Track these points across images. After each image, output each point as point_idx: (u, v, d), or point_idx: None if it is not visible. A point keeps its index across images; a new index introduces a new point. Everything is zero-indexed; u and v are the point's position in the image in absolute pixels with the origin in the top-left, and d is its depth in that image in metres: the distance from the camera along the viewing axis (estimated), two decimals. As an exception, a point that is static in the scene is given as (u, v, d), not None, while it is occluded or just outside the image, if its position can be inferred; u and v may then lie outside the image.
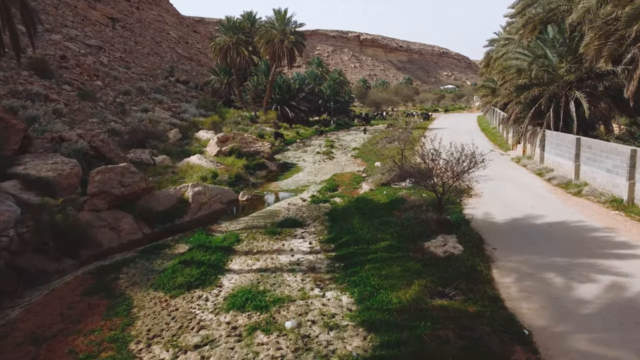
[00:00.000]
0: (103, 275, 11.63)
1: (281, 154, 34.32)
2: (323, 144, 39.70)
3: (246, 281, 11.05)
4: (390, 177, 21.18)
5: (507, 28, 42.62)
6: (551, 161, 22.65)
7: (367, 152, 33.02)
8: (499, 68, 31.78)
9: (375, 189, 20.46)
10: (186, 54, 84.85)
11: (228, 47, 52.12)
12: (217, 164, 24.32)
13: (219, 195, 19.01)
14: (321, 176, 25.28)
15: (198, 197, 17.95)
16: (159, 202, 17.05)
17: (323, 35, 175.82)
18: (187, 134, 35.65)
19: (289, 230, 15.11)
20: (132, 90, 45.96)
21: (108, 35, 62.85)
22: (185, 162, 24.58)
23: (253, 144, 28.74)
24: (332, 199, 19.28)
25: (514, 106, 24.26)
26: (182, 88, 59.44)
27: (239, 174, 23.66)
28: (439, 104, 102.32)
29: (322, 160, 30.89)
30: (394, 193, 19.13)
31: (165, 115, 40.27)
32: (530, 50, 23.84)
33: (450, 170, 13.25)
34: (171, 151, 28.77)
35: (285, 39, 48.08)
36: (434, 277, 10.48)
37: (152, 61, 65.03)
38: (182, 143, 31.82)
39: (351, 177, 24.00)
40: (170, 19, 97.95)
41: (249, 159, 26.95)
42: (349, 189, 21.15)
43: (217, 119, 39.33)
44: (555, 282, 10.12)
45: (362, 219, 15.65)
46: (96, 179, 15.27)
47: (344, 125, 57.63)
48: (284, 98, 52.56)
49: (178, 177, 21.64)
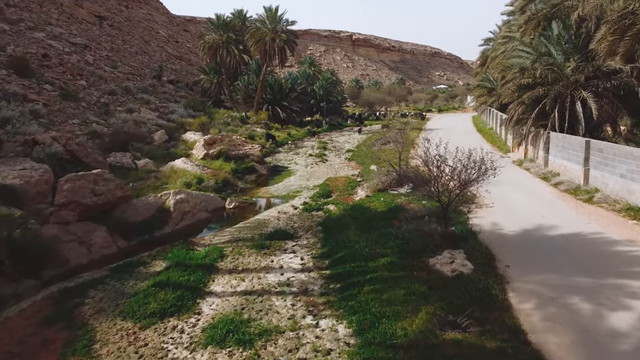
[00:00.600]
0: (66, 299, 10.20)
1: (272, 157, 32.93)
2: (315, 145, 38.36)
3: (229, 307, 9.68)
4: (388, 182, 19.87)
5: (503, 27, 41.48)
6: (556, 165, 21.45)
7: (362, 155, 31.71)
8: (499, 67, 30.60)
9: (371, 195, 19.15)
10: (176, 53, 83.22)
11: (218, 45, 50.58)
12: (203, 168, 22.90)
13: (203, 203, 17.60)
14: (314, 180, 23.93)
15: (180, 206, 16.53)
16: (137, 211, 15.62)
17: (315, 35, 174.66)
18: (173, 135, 34.18)
19: (278, 243, 13.74)
20: (118, 90, 44.38)
21: (95, 34, 61.17)
22: (169, 166, 23.14)
23: (242, 147, 27.33)
24: (326, 207, 17.94)
25: (516, 107, 23.05)
26: (170, 88, 57.90)
27: (226, 179, 22.24)
28: (432, 104, 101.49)
29: (315, 163, 29.55)
30: (392, 200, 17.81)
31: (151, 116, 38.74)
32: (533, 48, 22.65)
33: (458, 178, 11.93)
34: (156, 154, 27.32)
35: (277, 38, 46.67)
36: (442, 302, 9.17)
37: (140, 60, 63.41)
38: (167, 145, 30.34)
39: (345, 181, 22.67)
40: (160, 18, 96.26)
41: (237, 163, 25.54)
42: (344, 195, 19.81)
43: (206, 120, 37.86)
44: (583, 309, 8.84)
45: (358, 230, 14.33)
46: (65, 187, 13.82)
47: (336, 125, 56.29)
48: (276, 98, 51.15)
49: (161, 182, 20.21)
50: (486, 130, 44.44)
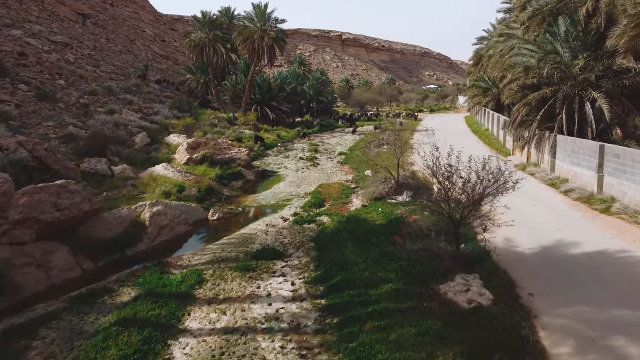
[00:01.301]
0: (11, 341, 8.52)
1: (260, 160, 31.26)
2: (306, 148, 36.74)
3: (206, 351, 8.06)
4: (385, 191, 18.34)
5: (500, 25, 40.17)
6: (565, 170, 20.06)
7: (356, 159, 30.17)
8: (498, 66, 29.24)
9: (368, 205, 17.61)
10: (163, 52, 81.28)
11: (204, 44, 48.76)
12: (186, 175, 21.20)
13: (183, 216, 15.93)
14: (305, 187, 22.34)
15: (157, 219, 14.85)
16: (108, 227, 13.92)
17: (305, 35, 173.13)
18: (157, 138, 32.37)
19: (266, 264, 12.12)
20: (100, 90, 42.44)
21: (77, 32, 59.10)
22: (149, 172, 21.41)
23: (228, 151, 25.64)
24: (319, 218, 16.35)
25: (521, 108, 21.65)
26: (156, 88, 55.93)
27: (210, 187, 20.53)
28: (423, 104, 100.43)
29: (306, 167, 27.92)
30: (391, 211, 16.28)
31: (133, 117, 36.89)
32: (538, 46, 21.26)
33: (471, 192, 10.39)
34: (136, 159, 25.55)
35: (266, 36, 44.97)
36: (463, 346, 7.63)
37: (124, 60, 61.42)
38: (149, 149, 28.55)
39: (339, 188, 21.11)
40: (146, 17, 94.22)
41: (223, 168, 23.84)
42: (338, 205, 18.23)
43: (191, 122, 36.05)
44: (632, 354, 7.35)
45: (356, 247, 12.77)
46: (21, 202, 12.08)
47: (328, 127, 54.65)
48: (265, 98, 49.45)
49: (138, 192, 18.48)
50: (482, 132, 43.15)
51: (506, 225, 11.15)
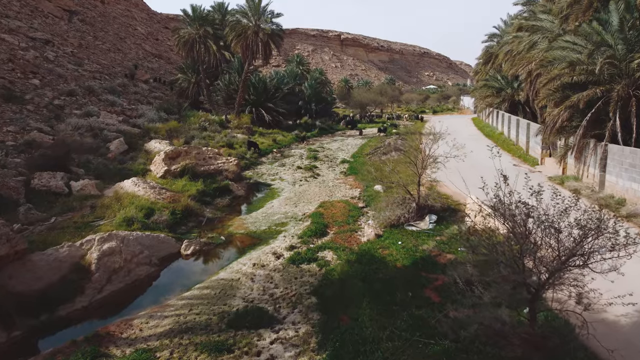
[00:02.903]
0: None
1: (253, 170, 27.57)
2: (305, 154, 33.08)
3: None
4: (404, 215, 14.71)
5: (516, 18, 36.57)
6: (620, 188, 16.46)
7: (360, 168, 26.53)
8: (522, 62, 25.60)
9: (383, 234, 13.98)
10: (155, 51, 77.75)
11: (194, 40, 45.08)
12: (160, 191, 17.51)
13: (146, 252, 12.28)
14: (303, 205, 18.70)
15: (108, 261, 11.21)
16: (37, 274, 10.26)
17: (303, 35, 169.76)
18: (136, 144, 28.68)
19: (248, 338, 8.46)
20: (79, 90, 38.81)
21: (62, 29, 55.48)
22: (116, 188, 17.76)
23: (214, 160, 21.94)
24: (321, 254, 12.69)
25: (562, 111, 18.03)
26: (144, 88, 52.25)
27: (188, 207, 16.82)
28: (424, 105, 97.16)
29: (304, 178, 24.26)
30: (414, 246, 12.63)
31: (112, 120, 33.16)
32: (586, 37, 17.66)
33: (557, 246, 6.76)
34: (106, 170, 21.90)
35: (260, 31, 41.32)
36: None
37: (112, 58, 57.81)
38: (124, 158, 24.85)
39: (344, 208, 17.46)
40: (139, 15, 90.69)
41: (207, 182, 20.18)
42: (344, 232, 14.57)
43: (176, 125, 32.32)
44: None
45: (374, 307, 9.16)
46: None
47: (327, 129, 50.93)
48: (260, 99, 45.77)
49: (94, 216, 14.81)
50: (496, 136, 39.56)
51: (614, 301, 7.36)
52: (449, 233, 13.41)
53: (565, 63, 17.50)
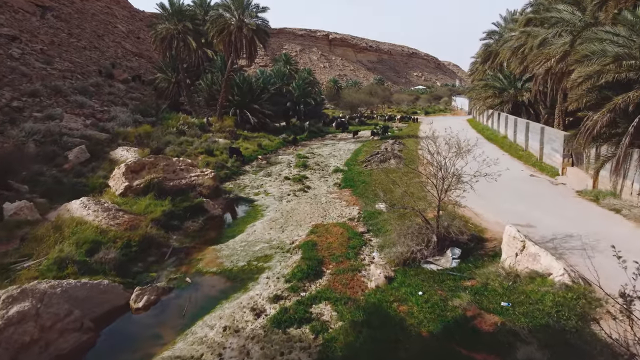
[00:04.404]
0: None
1: (234, 181, 24.21)
2: (293, 161, 29.80)
3: None
4: (420, 250, 11.51)
5: (524, 13, 33.66)
6: (678, 209, 13.45)
7: (357, 178, 23.35)
8: (540, 59, 22.58)
9: (394, 275, 10.79)
10: (135, 49, 74.01)
11: (172, 36, 41.51)
12: (115, 214, 14.15)
13: (77, 312, 8.93)
14: (291, 229, 15.46)
15: (14, 333, 7.87)
16: None
17: (291, 34, 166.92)
18: (102, 151, 25.20)
19: None
20: (43, 90, 35.12)
21: (33, 25, 51.65)
22: (61, 211, 14.36)
23: (186, 173, 18.59)
24: (316, 309, 9.46)
25: (602, 115, 14.98)
26: (121, 88, 48.54)
27: (148, 236, 13.46)
28: (415, 105, 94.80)
29: (293, 192, 20.98)
30: (442, 301, 9.41)
31: (77, 124, 29.59)
32: (631, 27, 14.63)
33: None
34: (59, 186, 18.45)
35: (244, 26, 37.94)
36: None
37: (87, 56, 54.05)
38: (83, 170, 21.36)
39: (342, 235, 14.24)
40: (120, 12, 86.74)
41: (176, 200, 16.84)
42: (345, 274, 11.31)
43: (149, 129, 28.84)
44: None
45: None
46: None
47: (317, 132, 47.63)
48: (244, 100, 42.36)
49: (20, 254, 11.41)
50: (499, 140, 36.64)
51: None
52: (483, 276, 10.25)
53: (608, 58, 14.44)
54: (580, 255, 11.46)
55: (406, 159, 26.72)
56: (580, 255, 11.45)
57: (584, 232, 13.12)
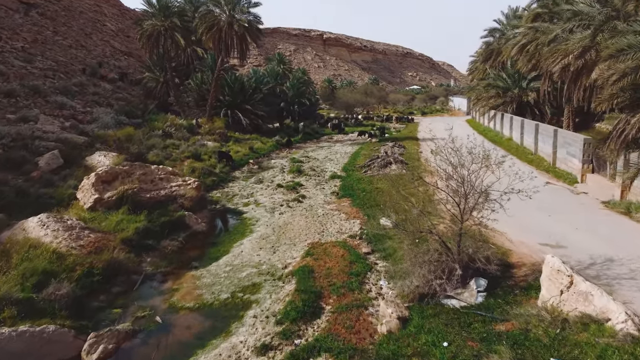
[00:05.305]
0: None
1: (222, 189, 22.15)
2: (287, 166, 27.75)
3: None
4: (440, 284, 9.52)
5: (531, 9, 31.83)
6: None
7: (356, 185, 21.37)
8: (556, 55, 20.69)
9: (409, 315, 8.82)
10: (124, 48, 71.80)
11: (159, 33, 39.32)
12: (79, 235, 12.10)
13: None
14: (284, 249, 13.46)
15: None
16: None
17: (285, 34, 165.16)
18: (77, 158, 23.03)
19: None
20: (20, 90, 32.93)
21: (15, 22, 49.34)
22: (15, 231, 12.28)
23: (166, 183, 16.52)
24: (314, 365, 7.51)
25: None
26: (107, 88, 46.35)
27: (114, 262, 11.41)
28: (411, 106, 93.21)
29: (286, 203, 18.96)
30: (474, 358, 7.45)
31: (53, 127, 27.38)
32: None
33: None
34: (22, 197, 16.34)
35: (235, 23, 35.86)
36: None
37: (73, 54, 51.84)
38: (54, 178, 19.23)
39: (343, 258, 12.24)
40: (109, 10, 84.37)
41: (153, 214, 14.78)
42: (348, 311, 9.33)
43: (131, 132, 26.68)
44: None
45: None
46: None
47: (312, 134, 45.56)
48: (236, 100, 40.24)
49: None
50: (504, 142, 34.80)
51: None
52: (521, 318, 8.27)
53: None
54: (631, 287, 9.56)
55: (409, 164, 24.77)
56: (630, 287, 9.55)
57: (626, 255, 11.24)
